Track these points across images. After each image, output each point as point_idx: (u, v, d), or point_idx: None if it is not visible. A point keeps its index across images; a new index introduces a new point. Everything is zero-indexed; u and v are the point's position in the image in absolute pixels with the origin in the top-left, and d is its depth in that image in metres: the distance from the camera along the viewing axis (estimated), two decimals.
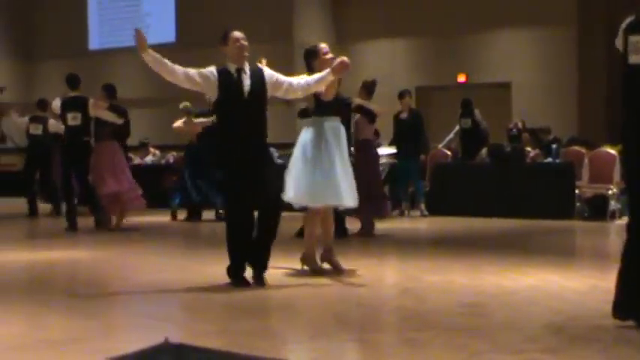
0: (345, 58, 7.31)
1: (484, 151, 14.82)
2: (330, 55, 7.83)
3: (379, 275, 8.12)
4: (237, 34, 7.85)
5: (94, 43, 24.46)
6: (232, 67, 7.39)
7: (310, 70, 7.83)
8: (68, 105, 12.22)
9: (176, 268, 8.51)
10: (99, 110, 12.00)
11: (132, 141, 16.69)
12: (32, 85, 24.72)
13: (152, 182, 16.75)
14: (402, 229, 12.33)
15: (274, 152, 16.77)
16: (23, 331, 5.53)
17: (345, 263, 8.24)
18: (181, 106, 14.10)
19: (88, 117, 12.12)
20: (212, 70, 7.40)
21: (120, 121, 12.13)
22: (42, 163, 14.98)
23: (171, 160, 17.91)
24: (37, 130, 14.81)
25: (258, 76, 7.36)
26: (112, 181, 12.02)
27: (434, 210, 13.98)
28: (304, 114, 9.53)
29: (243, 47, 7.47)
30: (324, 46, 8.05)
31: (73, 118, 12.11)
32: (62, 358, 4.71)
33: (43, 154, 14.88)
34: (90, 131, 12.19)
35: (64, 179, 12.52)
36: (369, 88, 11.56)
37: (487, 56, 19.85)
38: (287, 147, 17.66)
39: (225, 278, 7.21)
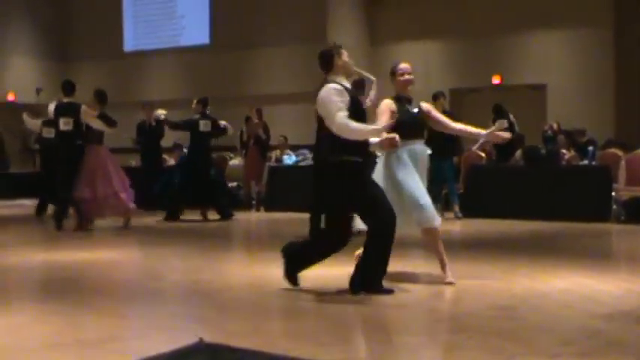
0: (396, 137, 6.86)
1: (518, 153, 14.75)
2: (407, 77, 7.66)
3: (411, 277, 8.10)
4: (402, 66, 7.74)
5: (129, 44, 24.65)
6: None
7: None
8: (61, 110, 12.66)
9: (209, 268, 8.55)
10: (88, 117, 12.42)
11: (166, 142, 16.85)
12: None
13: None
14: None
15: None
16: (58, 330, 5.59)
17: None
18: (158, 112, 14.43)
19: (80, 123, 12.51)
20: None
21: (107, 129, 12.51)
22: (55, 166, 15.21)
23: None
24: (49, 133, 14.98)
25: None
26: (87, 186, 12.41)
27: (468, 212, 13.93)
28: None
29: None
30: (404, 66, 7.77)
31: (66, 124, 12.53)
32: (96, 358, 4.75)
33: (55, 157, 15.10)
34: (85, 136, 12.53)
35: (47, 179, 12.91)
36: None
37: (522, 58, 19.75)
38: None
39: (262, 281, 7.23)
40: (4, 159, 20.99)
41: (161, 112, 14.67)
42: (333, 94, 6.65)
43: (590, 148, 14.29)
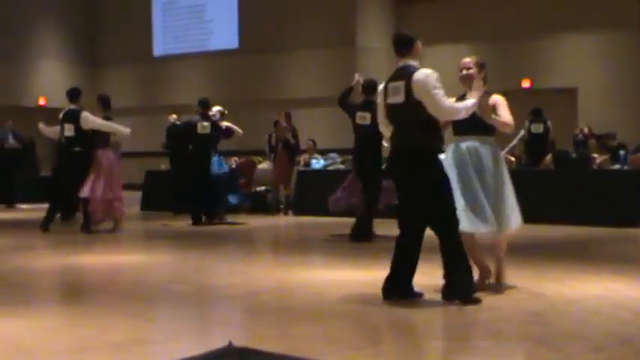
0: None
1: (549, 157, 14.67)
2: (463, 73, 7.37)
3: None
4: (462, 61, 7.50)
5: (158, 49, 24.78)
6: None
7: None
8: (65, 117, 12.89)
9: (237, 272, 8.58)
10: (89, 123, 12.57)
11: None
12: (98, 90, 25.10)
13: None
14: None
15: None
16: (87, 333, 5.62)
17: None
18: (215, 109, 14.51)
19: (81, 129, 12.65)
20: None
21: (117, 130, 12.68)
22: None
23: (234, 165, 18.05)
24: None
25: None
26: (90, 188, 12.52)
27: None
28: None
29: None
30: (462, 61, 7.50)
31: (68, 129, 12.77)
32: (122, 358, 4.79)
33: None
34: (85, 142, 12.66)
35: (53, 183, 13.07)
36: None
37: (552, 61, 19.66)
38: (350, 152, 17.72)
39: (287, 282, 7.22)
40: (35, 163, 21.16)
41: (218, 109, 14.71)
42: (435, 80, 6.58)
43: (622, 152, 14.19)
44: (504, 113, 7.32)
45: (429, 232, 6.70)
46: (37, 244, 11.79)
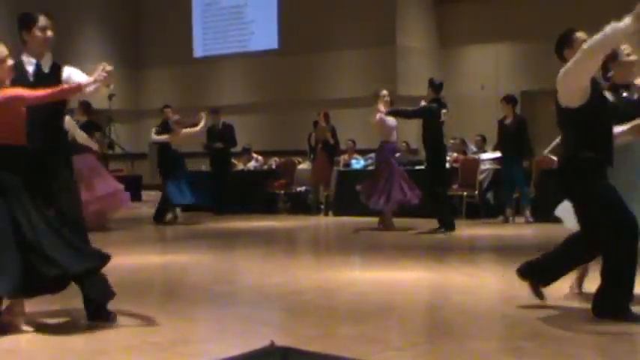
0: None
1: None
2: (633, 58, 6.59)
3: (482, 282, 8.03)
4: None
5: (199, 51, 24.90)
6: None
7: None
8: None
9: (278, 272, 8.59)
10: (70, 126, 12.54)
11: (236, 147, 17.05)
12: (140, 92, 25.37)
13: (255, 187, 17.03)
14: (506, 236, 12.18)
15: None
16: (131, 333, 5.66)
17: (444, 270, 8.19)
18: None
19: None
20: None
21: (89, 141, 12.85)
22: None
23: (274, 166, 18.11)
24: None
25: None
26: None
27: (540, 217, 13.74)
28: None
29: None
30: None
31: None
32: (167, 356, 4.80)
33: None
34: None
35: None
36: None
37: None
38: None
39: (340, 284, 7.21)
40: None
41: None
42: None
43: None
44: None
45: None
46: None
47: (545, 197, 14.09)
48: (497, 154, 14.55)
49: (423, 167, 15.99)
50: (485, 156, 15.45)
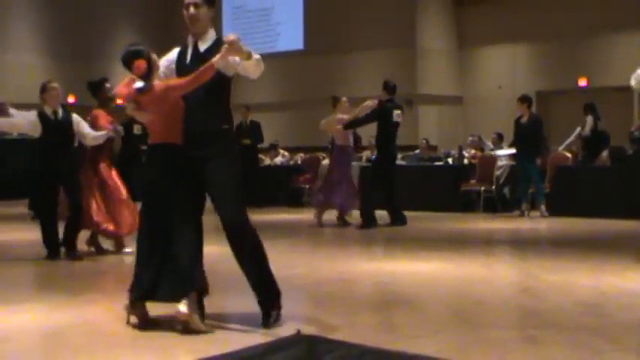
0: None
1: (605, 153, 14.43)
2: None
3: (499, 273, 8.01)
4: None
5: None
6: None
7: None
8: None
9: (302, 263, 8.60)
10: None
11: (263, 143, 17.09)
12: None
13: (282, 182, 17.07)
14: (522, 230, 12.15)
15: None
16: (163, 319, 5.68)
17: (462, 261, 8.18)
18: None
19: None
20: None
21: None
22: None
23: (299, 161, 18.13)
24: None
25: None
26: None
27: (554, 211, 13.69)
28: None
29: None
30: None
31: None
32: (196, 345, 4.83)
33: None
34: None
35: None
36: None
37: (608, 60, 19.33)
38: (409, 149, 17.68)
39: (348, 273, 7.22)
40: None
41: None
42: None
43: None
44: None
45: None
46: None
47: (559, 192, 14.06)
48: (513, 151, 14.52)
49: (441, 163, 16.02)
50: (501, 152, 15.41)
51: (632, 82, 8.49)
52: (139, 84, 5.38)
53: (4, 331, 5.39)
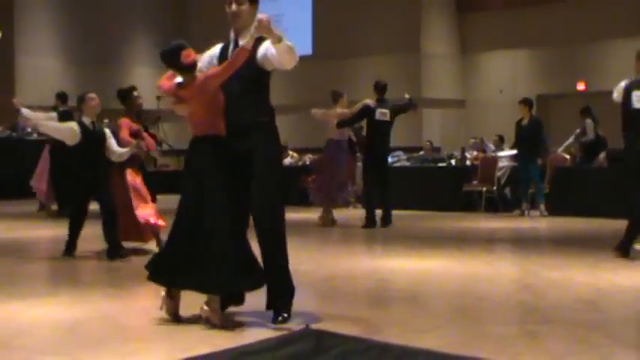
0: None
1: (602, 155, 14.41)
2: None
3: (500, 271, 8.02)
4: None
5: None
6: None
7: None
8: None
9: (310, 260, 8.60)
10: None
11: None
12: None
13: (290, 182, 17.06)
14: (522, 229, 12.13)
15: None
16: (183, 312, 5.70)
17: (464, 259, 8.19)
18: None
19: None
20: None
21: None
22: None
23: (307, 162, 18.12)
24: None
25: None
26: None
27: (553, 211, 13.68)
28: None
29: None
30: None
31: None
32: (212, 338, 4.84)
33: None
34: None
35: None
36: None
37: (605, 65, 19.29)
38: (414, 150, 17.69)
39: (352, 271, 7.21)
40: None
41: None
42: None
43: None
44: None
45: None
46: None
47: (558, 193, 14.04)
48: (514, 152, 14.52)
49: (444, 164, 16.01)
50: (502, 154, 15.40)
51: (614, 95, 8.76)
52: (179, 78, 5.36)
53: (24, 324, 5.43)
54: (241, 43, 5.33)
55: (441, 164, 16.11)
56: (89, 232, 8.92)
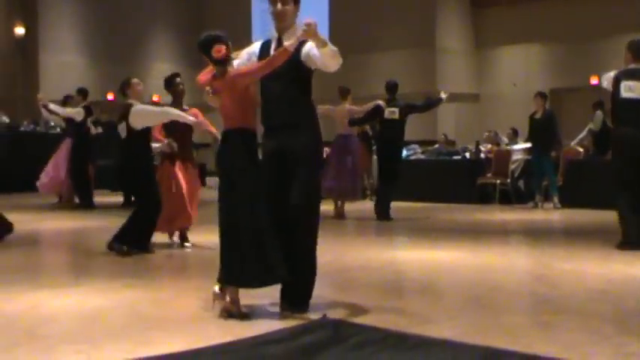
0: None
1: None
2: None
3: (514, 262, 8.00)
4: None
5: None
6: None
7: None
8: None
9: (328, 251, 8.59)
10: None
11: None
12: (201, 91, 25.49)
13: None
14: (535, 220, 12.09)
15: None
16: (198, 303, 5.72)
17: (479, 250, 8.17)
18: None
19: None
20: None
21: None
22: None
23: (324, 155, 18.10)
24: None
25: None
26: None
27: (566, 203, 13.62)
28: None
29: None
30: None
31: None
32: (234, 328, 4.86)
33: None
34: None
35: None
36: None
37: (619, 59, 19.11)
38: (429, 143, 17.64)
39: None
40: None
41: None
42: None
43: None
44: None
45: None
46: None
47: (571, 185, 13.98)
48: (528, 145, 14.46)
49: (459, 157, 15.97)
50: (516, 147, 15.34)
51: (604, 83, 8.86)
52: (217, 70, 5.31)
53: (51, 312, 5.48)
54: (286, 43, 5.26)
55: (455, 157, 16.07)
56: (106, 224, 8.95)
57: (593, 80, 19.72)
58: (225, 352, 4.12)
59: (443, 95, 12.26)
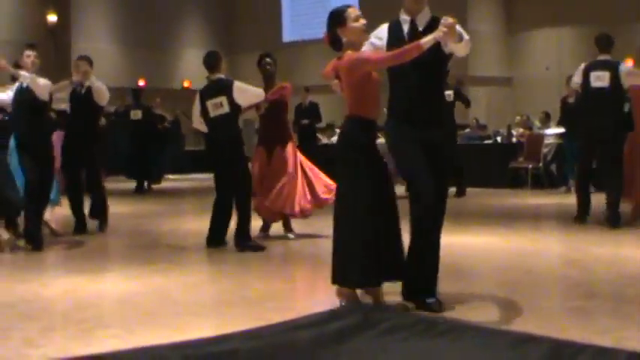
0: None
1: None
2: None
3: (547, 246, 7.94)
4: None
5: (287, 36, 24.99)
6: None
7: None
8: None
9: None
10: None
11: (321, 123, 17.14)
12: (235, 76, 25.53)
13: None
14: (568, 205, 11.97)
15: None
16: (227, 289, 5.76)
17: (512, 235, 8.11)
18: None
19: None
20: None
21: None
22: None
23: None
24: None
25: None
26: None
27: (600, 187, 13.45)
28: None
29: None
30: None
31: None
32: (258, 313, 4.87)
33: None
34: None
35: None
36: None
37: None
38: (460, 128, 17.50)
39: None
40: (181, 138, 21.61)
41: None
42: None
43: None
44: None
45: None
46: (187, 209, 12.09)
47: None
48: (561, 130, 14.31)
49: (491, 142, 15.87)
50: (549, 131, 15.20)
51: (575, 79, 9.60)
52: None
53: (88, 297, 5.56)
54: (421, 26, 5.14)
55: (487, 142, 15.97)
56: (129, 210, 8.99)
57: (628, 63, 19.47)
58: (255, 337, 4.13)
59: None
